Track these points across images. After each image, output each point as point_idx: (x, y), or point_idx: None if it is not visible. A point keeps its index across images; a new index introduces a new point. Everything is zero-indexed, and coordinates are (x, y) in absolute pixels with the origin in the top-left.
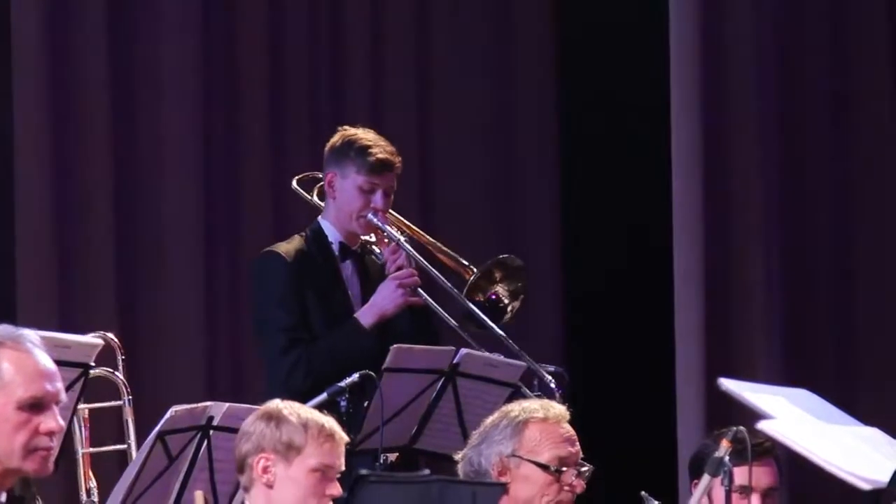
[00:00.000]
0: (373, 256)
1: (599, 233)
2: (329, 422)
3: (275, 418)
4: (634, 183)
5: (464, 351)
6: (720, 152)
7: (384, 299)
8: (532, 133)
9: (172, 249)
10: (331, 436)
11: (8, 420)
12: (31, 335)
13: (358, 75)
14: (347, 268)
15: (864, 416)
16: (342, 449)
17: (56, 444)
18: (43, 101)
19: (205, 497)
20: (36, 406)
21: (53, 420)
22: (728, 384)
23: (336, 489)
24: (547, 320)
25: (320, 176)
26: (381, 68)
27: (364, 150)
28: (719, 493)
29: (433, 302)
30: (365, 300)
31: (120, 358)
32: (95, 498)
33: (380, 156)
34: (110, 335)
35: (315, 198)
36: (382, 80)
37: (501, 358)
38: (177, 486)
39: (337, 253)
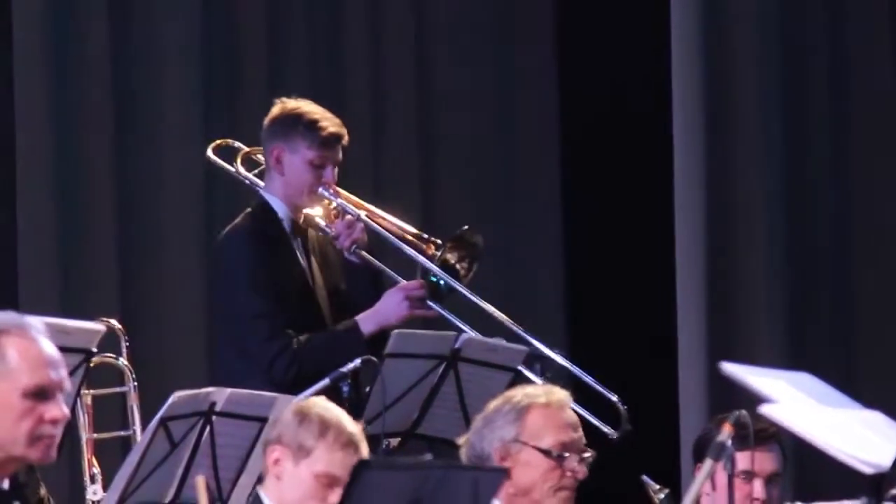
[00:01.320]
0: (318, 230)
1: (600, 216)
2: (352, 433)
3: (301, 415)
4: (636, 165)
5: (465, 336)
6: (722, 134)
7: (389, 310)
8: (533, 116)
9: (174, 235)
10: (347, 446)
11: (13, 408)
12: (36, 323)
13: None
14: (297, 243)
15: (867, 399)
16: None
17: (59, 431)
18: (44, 86)
19: (206, 482)
20: (40, 394)
21: (58, 408)
22: (730, 368)
23: (336, 497)
24: (548, 304)
25: (237, 144)
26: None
27: (313, 123)
28: (722, 477)
29: (443, 311)
30: (312, 272)
31: (124, 344)
32: (99, 484)
33: (331, 129)
34: (114, 321)
35: (239, 167)
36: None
37: (503, 342)
38: (179, 471)
39: (288, 230)
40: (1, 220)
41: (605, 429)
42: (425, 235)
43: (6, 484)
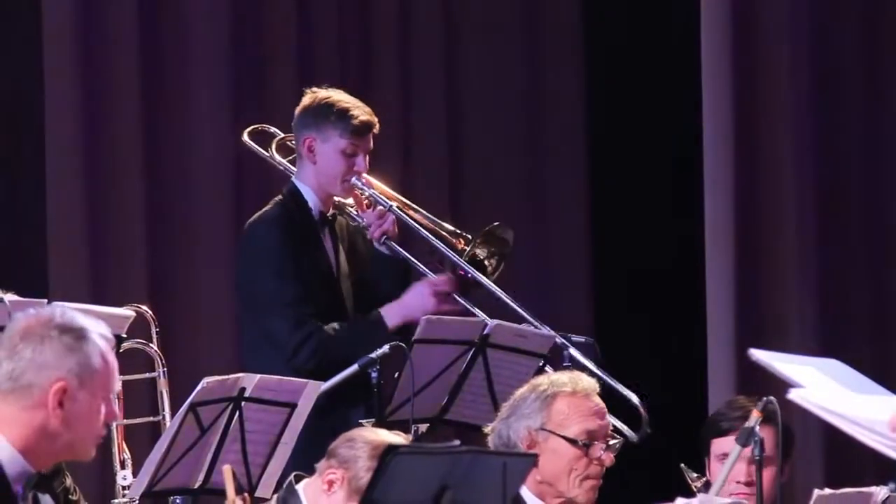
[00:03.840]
0: (348, 219)
1: (629, 199)
2: None
3: (378, 458)
4: (665, 151)
5: (494, 322)
6: (752, 114)
7: (415, 304)
8: (560, 101)
9: (204, 222)
10: None
11: (98, 413)
12: (103, 329)
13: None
14: (325, 233)
15: None
16: None
17: (105, 431)
18: (74, 74)
19: (233, 471)
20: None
21: (114, 409)
22: (758, 354)
23: None
24: (577, 289)
25: (273, 130)
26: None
27: (345, 112)
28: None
29: (470, 306)
30: (338, 262)
31: (154, 330)
32: (129, 469)
33: (362, 118)
34: (144, 307)
35: (274, 153)
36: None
37: (532, 328)
38: (209, 457)
39: (317, 218)
40: (31, 207)
41: (627, 432)
42: (456, 230)
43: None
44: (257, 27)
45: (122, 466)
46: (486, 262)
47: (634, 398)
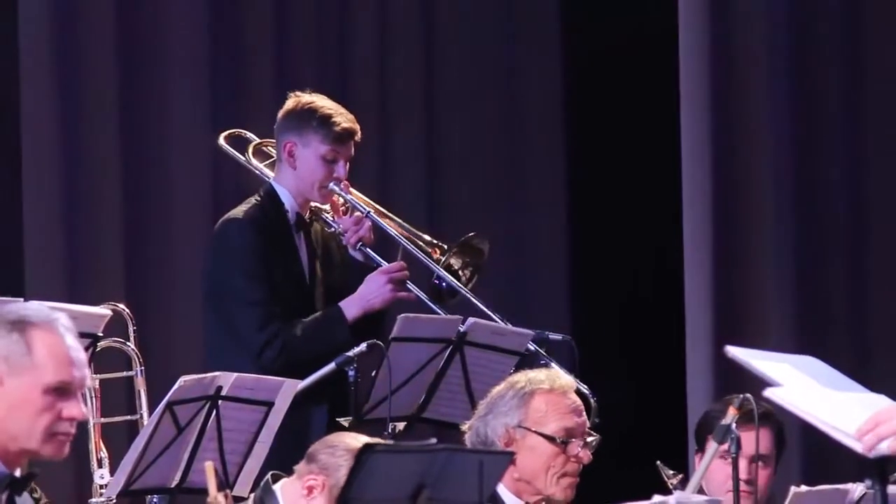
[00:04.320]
0: (323, 225)
1: (606, 200)
2: None
3: (352, 458)
4: (642, 151)
5: (471, 320)
6: (729, 115)
7: (372, 293)
8: (538, 101)
9: (181, 222)
10: None
11: (33, 402)
12: (64, 319)
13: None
14: (299, 237)
15: (876, 382)
16: None
17: (74, 429)
18: (50, 74)
19: (215, 468)
20: (62, 391)
21: (77, 407)
22: (734, 351)
23: None
24: (554, 288)
25: (249, 135)
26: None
27: (327, 118)
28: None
29: (422, 294)
30: (311, 268)
31: (131, 329)
32: (106, 468)
33: (344, 125)
34: (121, 306)
35: (250, 157)
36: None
37: (509, 326)
38: (186, 455)
39: (293, 222)
40: (7, 206)
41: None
42: (432, 240)
43: (18, 472)
44: (235, 30)
45: (100, 465)
46: (460, 273)
47: (583, 387)
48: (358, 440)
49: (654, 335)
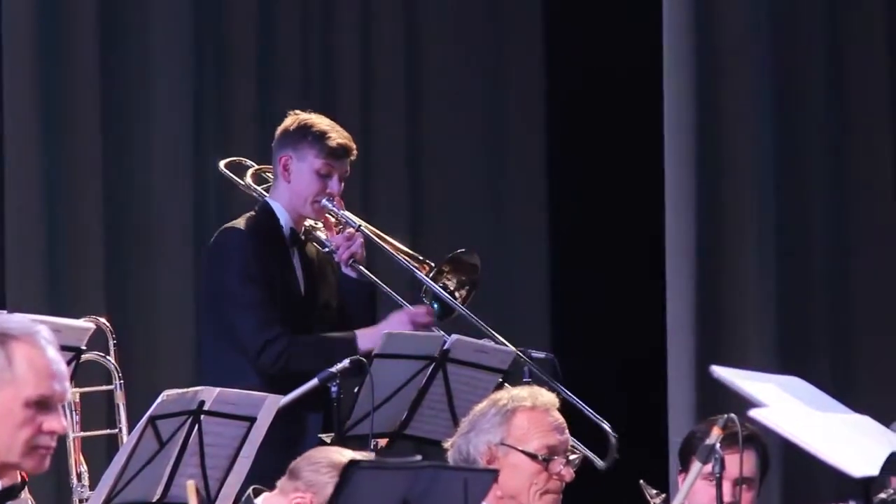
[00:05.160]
0: (315, 244)
1: (589, 220)
2: None
3: (338, 474)
4: (625, 169)
5: (454, 337)
6: (713, 140)
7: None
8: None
9: (162, 235)
10: None
11: (14, 415)
12: (45, 331)
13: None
14: (293, 253)
15: (858, 403)
16: None
17: (55, 443)
18: (33, 87)
19: (196, 486)
20: (43, 404)
21: (58, 421)
22: (720, 371)
23: None
24: (534, 307)
25: (248, 162)
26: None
27: (323, 134)
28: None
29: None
30: (307, 286)
31: (111, 342)
32: (86, 482)
33: (339, 140)
34: (102, 319)
35: (249, 181)
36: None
37: (492, 344)
38: (167, 470)
39: (287, 237)
40: None
41: (595, 460)
42: (419, 256)
43: None
44: (218, 45)
45: (79, 479)
46: (456, 294)
47: (606, 425)
48: (342, 455)
49: (636, 353)
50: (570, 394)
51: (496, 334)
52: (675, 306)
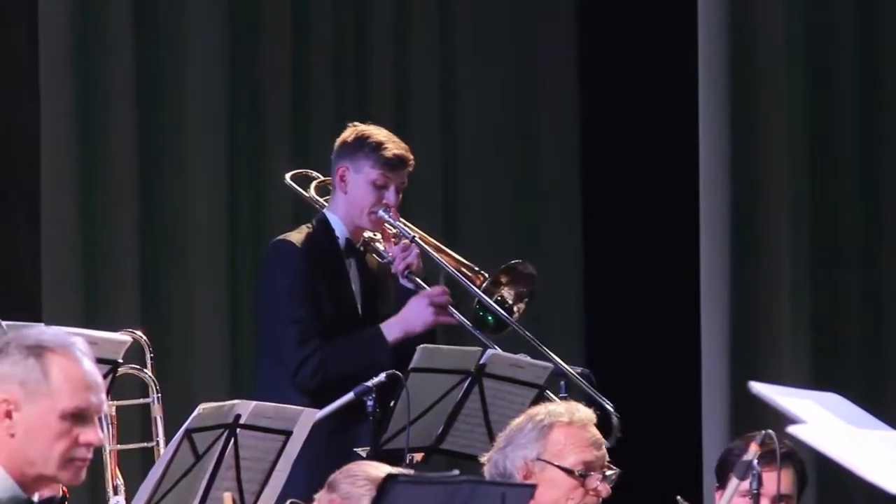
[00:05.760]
0: (374, 255)
1: (623, 238)
2: None
3: (374, 488)
4: (660, 187)
5: (490, 351)
6: (748, 161)
7: (413, 316)
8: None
9: (197, 247)
10: None
11: (50, 427)
12: (81, 343)
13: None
14: (350, 264)
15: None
16: None
17: (91, 455)
18: (69, 99)
19: (232, 498)
20: (78, 417)
21: (94, 433)
22: (758, 388)
23: None
24: (569, 322)
25: (314, 174)
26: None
27: (379, 145)
28: (735, 498)
29: (464, 319)
30: (365, 298)
31: (148, 355)
32: (122, 495)
33: (396, 151)
34: (138, 332)
35: (313, 193)
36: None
37: (528, 359)
38: (203, 483)
39: (343, 248)
40: (26, 232)
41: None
42: (475, 268)
43: (36, 497)
44: (252, 60)
45: (115, 492)
46: (514, 308)
47: (609, 405)
48: (379, 469)
49: (670, 369)
50: (575, 374)
51: (546, 349)
52: (709, 322)
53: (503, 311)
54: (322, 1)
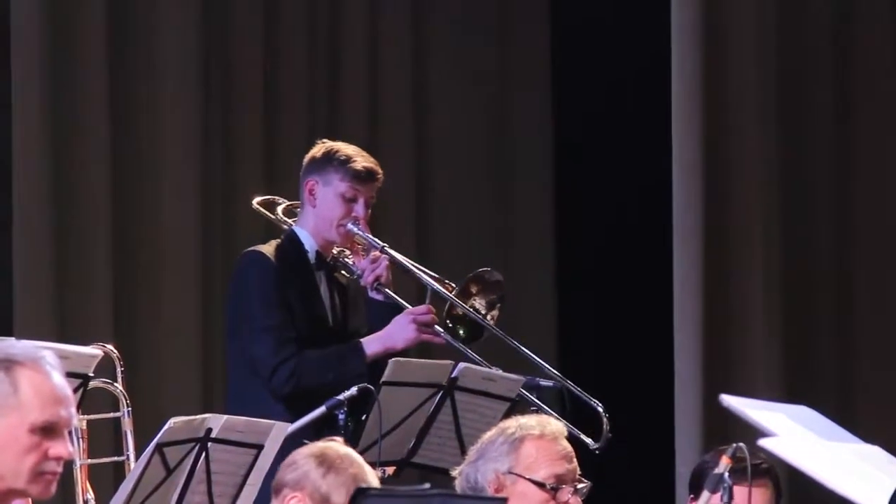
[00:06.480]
0: (342, 272)
1: (596, 250)
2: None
3: (326, 465)
4: (633, 195)
5: (462, 365)
6: (722, 176)
7: (396, 333)
8: (527, 133)
9: (168, 262)
10: None
11: (20, 441)
12: (50, 356)
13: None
14: (321, 278)
15: (865, 432)
16: None
17: (61, 468)
18: (42, 111)
19: None
20: (49, 430)
21: (64, 446)
22: (729, 400)
23: None
24: (542, 335)
25: (280, 199)
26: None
27: (349, 158)
28: None
29: (449, 337)
30: (335, 311)
31: (119, 369)
32: None
33: (365, 164)
34: (109, 346)
35: (280, 215)
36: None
37: (500, 372)
38: (174, 498)
39: (313, 261)
40: None
41: (588, 441)
42: (444, 280)
43: None
44: (225, 81)
45: None
46: (488, 316)
47: (599, 407)
48: (314, 445)
49: (643, 383)
50: (561, 376)
51: (531, 353)
52: (682, 334)
53: (480, 316)
54: (295, 19)
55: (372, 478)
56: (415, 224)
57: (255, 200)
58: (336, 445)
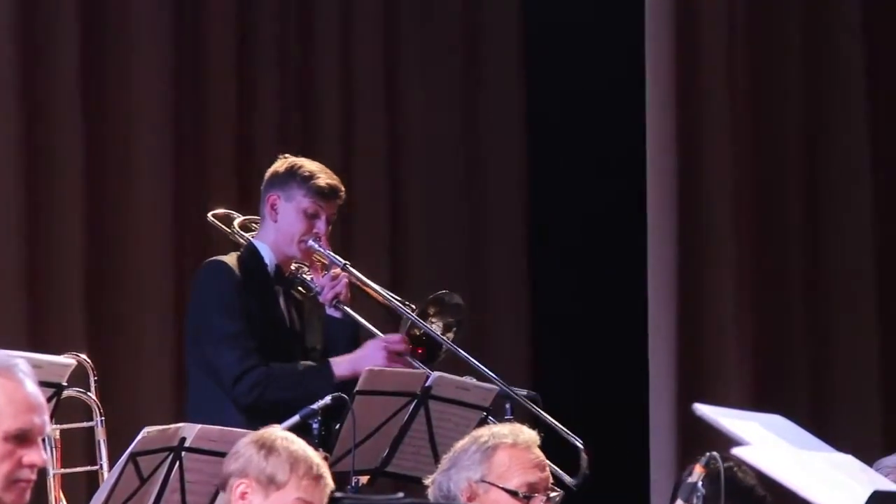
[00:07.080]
0: (300, 288)
1: (570, 256)
2: (320, 465)
3: (266, 447)
4: (607, 206)
5: (436, 374)
6: (693, 175)
7: (366, 358)
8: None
9: (142, 270)
10: (316, 478)
11: None
12: (23, 365)
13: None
14: (279, 291)
15: (837, 441)
16: (324, 494)
17: (35, 476)
18: (13, 118)
19: None
20: (22, 438)
21: (38, 454)
22: (703, 409)
23: None
24: (516, 343)
25: (236, 214)
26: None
27: (312, 174)
28: None
29: (423, 366)
30: (293, 326)
31: (92, 379)
32: None
33: (328, 181)
34: (83, 356)
35: (237, 228)
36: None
37: (474, 381)
38: None
39: (272, 276)
40: None
41: (566, 478)
42: (405, 301)
43: None
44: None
45: None
46: (447, 336)
47: (578, 442)
48: (250, 436)
49: (617, 392)
50: (542, 412)
51: (488, 370)
52: (656, 343)
53: (441, 336)
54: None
55: (313, 455)
56: (388, 250)
57: (211, 214)
58: (273, 429)
